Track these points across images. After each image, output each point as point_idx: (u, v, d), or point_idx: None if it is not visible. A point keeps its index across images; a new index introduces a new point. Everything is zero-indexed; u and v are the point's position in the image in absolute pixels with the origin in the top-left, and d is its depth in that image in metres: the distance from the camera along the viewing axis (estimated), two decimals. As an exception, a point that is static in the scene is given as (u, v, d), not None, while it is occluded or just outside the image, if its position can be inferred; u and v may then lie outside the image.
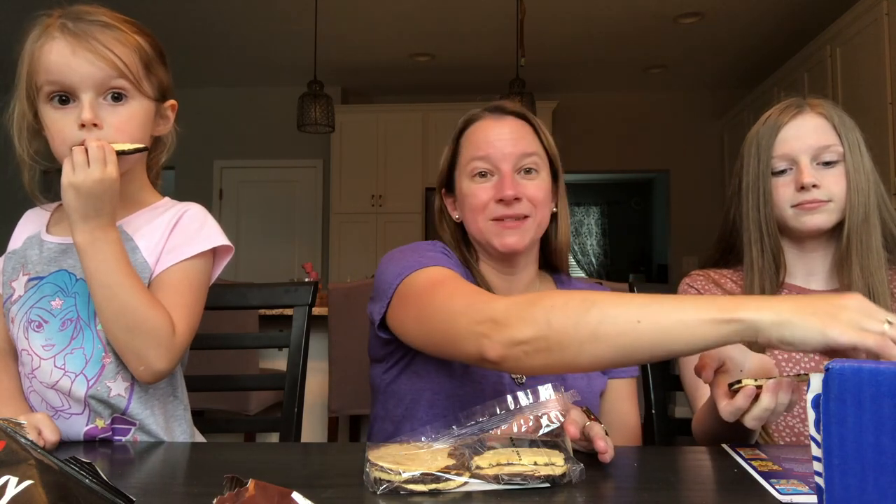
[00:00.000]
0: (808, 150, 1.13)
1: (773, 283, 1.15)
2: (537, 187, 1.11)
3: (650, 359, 0.83)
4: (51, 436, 0.88)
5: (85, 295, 0.96)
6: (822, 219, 1.12)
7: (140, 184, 1.05)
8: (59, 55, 0.92)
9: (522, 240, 1.09)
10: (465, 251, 1.17)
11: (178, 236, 1.01)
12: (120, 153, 0.92)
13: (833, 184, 1.13)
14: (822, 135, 1.13)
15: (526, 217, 1.10)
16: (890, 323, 0.69)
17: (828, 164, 1.13)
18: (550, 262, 1.22)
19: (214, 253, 1.03)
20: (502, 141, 1.11)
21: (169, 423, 1.03)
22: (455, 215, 1.19)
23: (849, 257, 1.13)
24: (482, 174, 1.11)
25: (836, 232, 1.16)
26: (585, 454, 0.81)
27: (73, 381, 0.95)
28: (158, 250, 0.99)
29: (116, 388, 0.97)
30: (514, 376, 1.09)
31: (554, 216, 1.18)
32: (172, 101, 1.05)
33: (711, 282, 1.21)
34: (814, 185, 1.11)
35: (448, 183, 1.19)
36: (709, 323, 0.72)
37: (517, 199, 1.08)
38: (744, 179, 1.18)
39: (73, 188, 0.90)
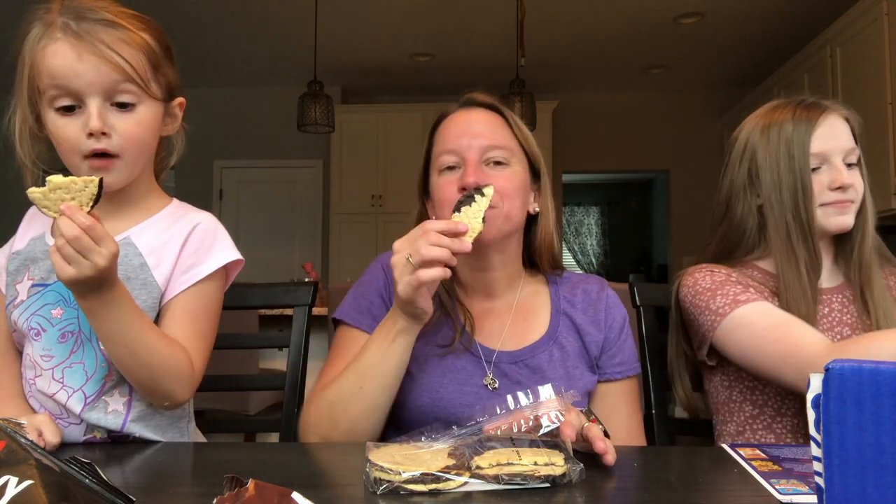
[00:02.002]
0: (840, 150, 1.14)
1: (816, 279, 1.15)
2: (506, 178, 1.05)
3: (383, 390, 0.99)
4: (52, 437, 0.88)
5: None
6: (849, 219, 1.14)
7: (147, 187, 1.02)
8: (64, 59, 0.87)
9: (486, 234, 1.00)
10: None
11: (191, 255, 0.97)
12: (90, 210, 0.81)
13: (858, 185, 1.15)
14: (848, 137, 1.15)
15: (491, 209, 1.02)
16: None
17: (850, 165, 1.15)
18: (534, 264, 1.17)
19: (226, 266, 1.01)
20: (469, 133, 1.07)
21: (167, 434, 1.00)
22: (433, 217, 1.13)
23: (865, 255, 1.16)
24: (450, 167, 1.07)
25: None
26: (585, 454, 0.81)
27: (70, 397, 0.93)
28: (169, 270, 0.96)
29: (114, 404, 0.95)
30: (485, 382, 1.06)
31: (535, 217, 1.14)
32: (181, 99, 1.01)
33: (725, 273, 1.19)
34: (850, 186, 1.13)
35: (425, 185, 1.15)
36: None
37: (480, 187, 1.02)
38: (771, 177, 1.16)
39: (73, 283, 0.82)
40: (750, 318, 1.08)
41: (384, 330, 0.98)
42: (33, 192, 0.81)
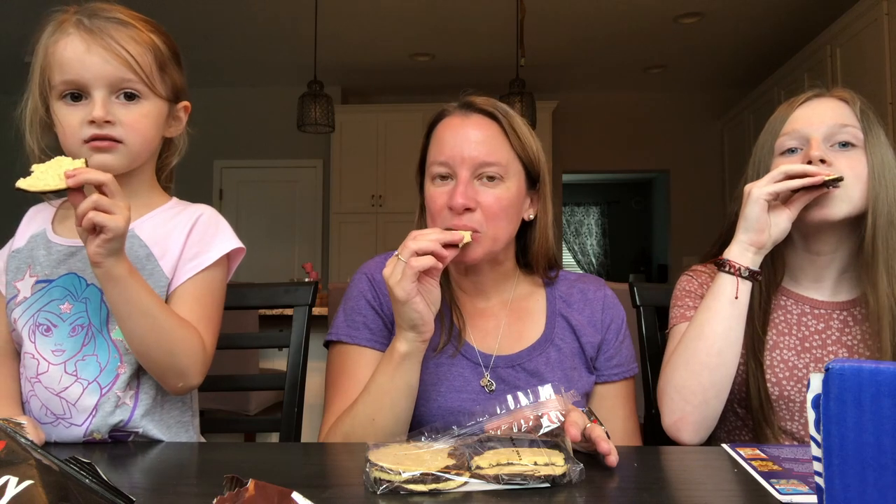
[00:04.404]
0: (821, 126, 1.02)
1: (770, 282, 1.07)
2: (496, 197, 1.02)
3: (395, 419, 0.98)
4: (34, 436, 0.88)
5: (96, 301, 0.95)
6: (830, 207, 0.99)
7: (149, 185, 1.04)
8: (74, 52, 0.91)
9: (472, 254, 1.01)
10: None
11: (195, 244, 1.00)
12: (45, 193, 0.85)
13: (846, 167, 0.99)
14: (839, 115, 1.03)
15: (476, 232, 1.01)
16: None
17: (844, 145, 1.02)
18: (528, 267, 1.14)
19: (228, 254, 1.03)
20: (463, 145, 1.02)
21: (172, 430, 1.01)
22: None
23: (875, 262, 1.00)
24: (442, 177, 1.04)
25: (847, 231, 1.04)
26: (585, 454, 0.81)
27: (86, 389, 0.94)
28: (175, 258, 0.98)
29: (124, 397, 0.96)
30: (483, 384, 1.05)
31: (531, 224, 1.11)
32: (186, 103, 1.04)
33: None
34: (822, 161, 0.99)
35: (421, 180, 1.13)
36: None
37: (468, 209, 1.00)
38: (749, 168, 1.10)
39: (120, 236, 0.84)
40: (671, 338, 1.12)
41: (389, 356, 0.97)
42: (22, 182, 0.83)
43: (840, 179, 0.97)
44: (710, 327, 1.01)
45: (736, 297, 1.01)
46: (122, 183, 0.94)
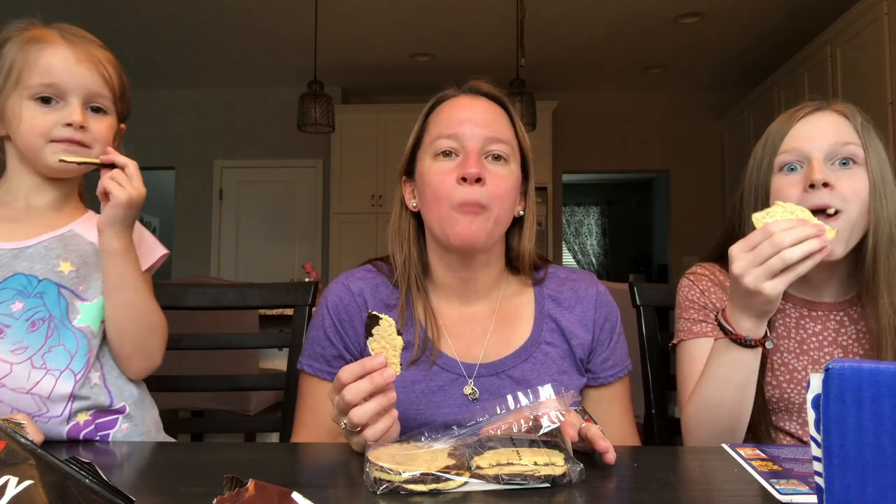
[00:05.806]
0: (822, 143, 1.01)
1: None
2: (502, 177, 1.00)
3: None
4: (34, 437, 0.89)
5: (53, 294, 0.96)
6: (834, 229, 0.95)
7: (76, 194, 1.10)
8: (63, 60, 0.99)
9: (480, 230, 0.97)
10: (420, 247, 1.09)
11: (137, 245, 1.06)
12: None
13: (848, 188, 0.98)
14: (840, 132, 1.01)
15: (483, 208, 0.98)
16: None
17: (845, 163, 1.00)
18: (515, 268, 1.10)
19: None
20: (473, 121, 1.01)
21: (141, 403, 1.06)
22: (413, 203, 1.08)
23: (875, 282, 1.00)
24: (447, 153, 1.01)
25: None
26: (585, 454, 0.81)
27: (58, 379, 0.95)
28: None
29: (94, 378, 1.00)
30: (466, 392, 1.02)
31: (518, 220, 1.08)
32: (123, 125, 1.12)
33: (716, 284, 1.11)
34: (825, 184, 0.97)
35: (409, 167, 1.09)
36: None
37: (479, 180, 0.97)
38: (746, 182, 1.08)
39: (127, 206, 0.97)
40: (681, 356, 1.10)
41: None
42: (67, 156, 0.99)
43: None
44: (732, 397, 0.97)
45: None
46: (62, 187, 1.05)
